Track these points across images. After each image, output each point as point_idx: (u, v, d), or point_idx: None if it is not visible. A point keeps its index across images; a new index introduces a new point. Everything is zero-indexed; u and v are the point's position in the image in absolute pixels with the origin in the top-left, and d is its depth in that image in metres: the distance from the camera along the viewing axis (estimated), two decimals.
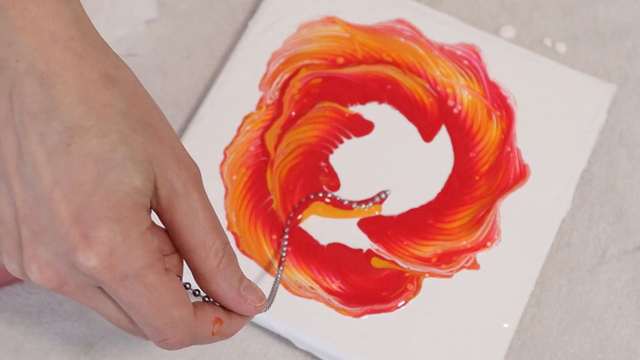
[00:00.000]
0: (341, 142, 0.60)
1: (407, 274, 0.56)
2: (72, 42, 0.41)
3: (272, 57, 0.62)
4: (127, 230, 0.39)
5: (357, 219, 0.58)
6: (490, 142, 0.60)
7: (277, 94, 0.61)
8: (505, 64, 0.61)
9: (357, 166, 0.59)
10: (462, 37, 0.62)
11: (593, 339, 0.57)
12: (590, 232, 0.59)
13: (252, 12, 0.65)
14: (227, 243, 0.43)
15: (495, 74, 0.61)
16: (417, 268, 0.57)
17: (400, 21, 0.62)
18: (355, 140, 0.60)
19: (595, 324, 0.57)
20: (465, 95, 0.61)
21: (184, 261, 0.43)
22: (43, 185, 0.39)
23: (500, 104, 0.60)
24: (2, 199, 0.41)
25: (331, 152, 0.59)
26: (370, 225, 0.58)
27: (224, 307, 0.44)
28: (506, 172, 0.59)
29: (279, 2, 0.63)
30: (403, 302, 0.56)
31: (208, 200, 0.42)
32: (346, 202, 0.58)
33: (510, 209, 0.58)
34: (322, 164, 0.59)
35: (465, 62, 0.61)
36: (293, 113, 0.60)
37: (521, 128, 0.60)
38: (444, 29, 0.62)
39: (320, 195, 0.58)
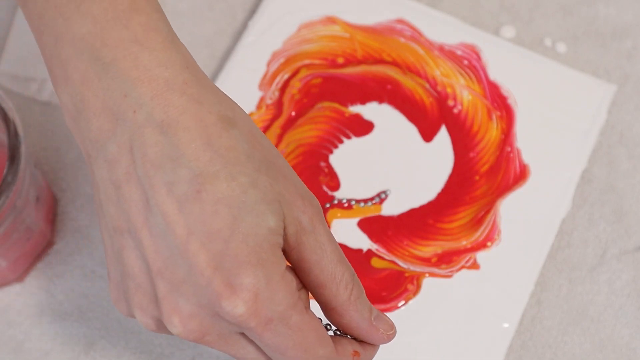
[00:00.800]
0: (341, 142, 0.60)
1: (407, 274, 0.56)
2: (187, 87, 0.40)
3: (272, 57, 0.62)
4: (269, 273, 0.39)
5: (357, 219, 0.58)
6: (490, 142, 0.60)
7: (277, 94, 0.61)
8: (506, 64, 0.61)
9: (357, 166, 0.59)
10: (462, 37, 0.62)
11: (593, 339, 0.57)
12: (591, 232, 0.59)
13: (252, 12, 0.65)
14: (354, 274, 0.42)
15: (495, 74, 0.61)
16: (417, 268, 0.57)
17: (400, 21, 0.62)
18: (355, 140, 0.60)
19: (595, 324, 0.57)
20: (465, 95, 0.61)
21: (312, 297, 0.43)
22: (176, 236, 0.39)
23: (500, 104, 0.60)
24: (130, 253, 0.40)
25: (331, 152, 0.59)
26: (370, 225, 0.58)
27: (355, 339, 0.44)
28: (506, 172, 0.59)
29: (279, 2, 0.63)
30: (403, 302, 0.56)
31: (331, 234, 0.42)
32: (345, 202, 0.58)
33: (511, 209, 0.58)
34: (322, 164, 0.59)
35: (465, 62, 0.61)
36: (293, 113, 0.60)
37: (521, 128, 0.60)
38: (444, 29, 0.62)
39: (336, 202, 0.58)
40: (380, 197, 0.58)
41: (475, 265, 0.57)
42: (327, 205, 0.58)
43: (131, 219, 0.40)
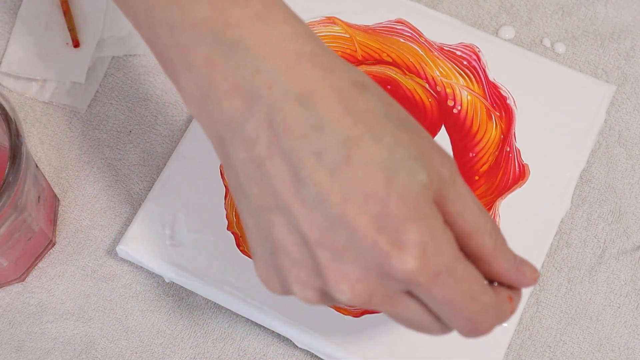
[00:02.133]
0: None
1: None
2: (315, 57, 0.40)
3: None
4: (432, 227, 0.39)
5: None
6: (489, 142, 0.60)
7: None
8: (505, 65, 0.61)
9: None
10: (461, 37, 0.62)
11: (592, 339, 0.57)
12: (589, 232, 0.59)
13: None
14: (495, 222, 0.42)
15: (494, 74, 0.61)
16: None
17: (400, 21, 0.63)
18: None
19: (594, 324, 0.57)
20: (464, 95, 0.61)
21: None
22: (333, 204, 0.38)
23: (499, 104, 0.60)
24: (281, 229, 0.40)
25: None
26: None
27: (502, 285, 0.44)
28: (505, 172, 0.59)
29: None
30: None
31: (467, 185, 0.42)
32: None
33: (510, 208, 0.58)
34: None
35: (465, 62, 0.61)
36: None
37: (520, 128, 0.60)
38: (443, 30, 0.62)
39: None
40: None
41: None
42: None
43: (279, 194, 0.39)
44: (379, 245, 0.38)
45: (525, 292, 0.56)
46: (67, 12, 0.64)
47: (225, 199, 0.58)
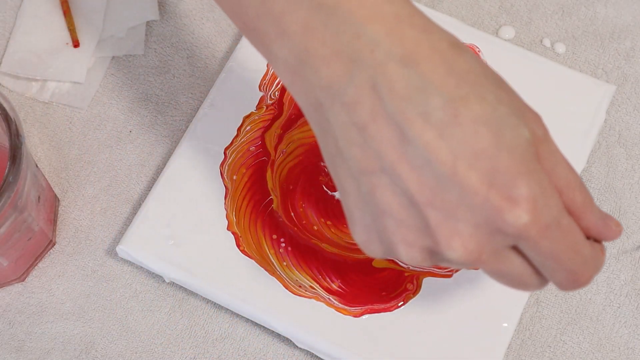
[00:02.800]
0: None
1: (406, 274, 0.57)
2: (413, 19, 0.41)
3: None
4: (540, 180, 0.40)
5: None
6: None
7: (277, 94, 0.61)
8: (505, 65, 0.61)
9: None
10: (461, 37, 0.62)
11: (592, 339, 0.57)
12: None
13: None
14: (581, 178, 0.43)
15: None
16: (417, 268, 0.57)
17: None
18: None
19: (594, 324, 0.57)
20: None
21: None
22: (442, 162, 0.39)
23: None
24: (385, 191, 0.40)
25: None
26: None
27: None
28: None
29: None
30: (403, 302, 0.56)
31: None
32: None
33: None
34: (322, 164, 0.59)
35: None
36: (293, 113, 0.61)
37: None
38: None
39: None
40: None
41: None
42: None
43: (384, 156, 0.40)
44: (491, 201, 0.39)
45: (526, 292, 0.56)
46: (67, 12, 0.64)
47: (225, 199, 0.58)
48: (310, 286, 0.56)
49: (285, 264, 0.57)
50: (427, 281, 0.56)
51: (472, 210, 0.39)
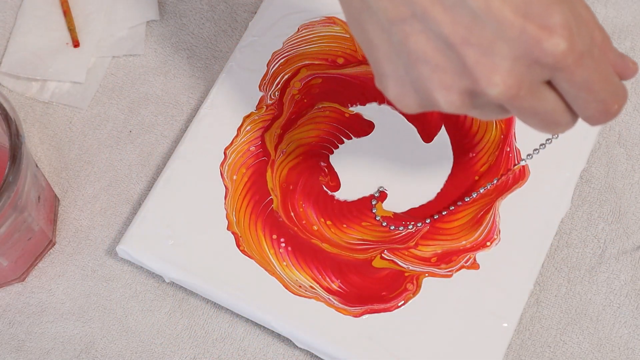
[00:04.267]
0: (341, 142, 0.60)
1: (406, 274, 0.57)
2: None
3: (272, 58, 0.62)
4: (574, 8, 0.40)
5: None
6: (489, 142, 0.60)
7: (277, 94, 0.61)
8: None
9: (357, 166, 0.59)
10: None
11: (592, 339, 0.57)
12: (589, 232, 0.59)
13: (252, 12, 0.65)
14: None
15: None
16: (416, 268, 0.57)
17: None
18: (355, 141, 0.60)
19: (594, 324, 0.57)
20: None
21: None
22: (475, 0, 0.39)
23: None
24: (418, 37, 0.41)
25: (331, 152, 0.60)
26: None
27: None
28: (505, 172, 0.59)
29: (279, 2, 0.63)
30: (403, 302, 0.56)
31: None
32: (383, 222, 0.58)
33: (510, 209, 0.58)
34: (322, 164, 0.59)
35: None
36: (293, 114, 0.61)
37: (520, 128, 0.60)
38: None
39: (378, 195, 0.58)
40: (379, 191, 0.58)
41: (474, 265, 0.57)
42: (374, 202, 0.58)
43: (415, 1, 0.40)
44: (527, 32, 0.39)
45: (525, 292, 0.56)
46: (67, 12, 0.64)
47: (225, 199, 0.58)
48: (310, 286, 0.56)
49: (285, 264, 0.57)
50: (427, 281, 0.56)
51: (509, 44, 0.40)
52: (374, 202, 0.58)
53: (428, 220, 0.58)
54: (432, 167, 0.59)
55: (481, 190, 0.57)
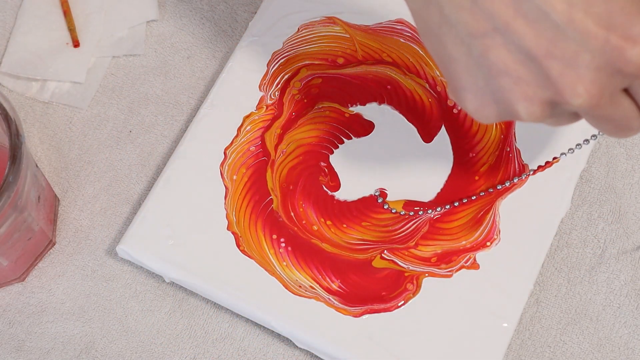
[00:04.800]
0: (341, 142, 0.60)
1: (406, 274, 0.57)
2: None
3: (272, 58, 0.62)
4: None
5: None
6: (489, 142, 0.60)
7: (277, 94, 0.61)
8: None
9: (357, 166, 0.59)
10: None
11: (592, 339, 0.57)
12: (589, 232, 0.59)
13: (252, 12, 0.65)
14: None
15: None
16: (416, 268, 0.57)
17: (400, 21, 0.63)
18: (355, 141, 0.60)
19: (594, 324, 0.57)
20: None
21: None
22: (558, 12, 0.40)
23: None
24: (499, 50, 0.41)
25: (331, 152, 0.60)
26: None
27: None
28: (505, 172, 0.59)
29: (279, 2, 0.63)
30: (403, 302, 0.56)
31: None
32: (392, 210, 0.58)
33: (510, 209, 0.58)
34: (322, 164, 0.59)
35: None
36: (293, 113, 0.61)
37: (520, 128, 0.60)
38: None
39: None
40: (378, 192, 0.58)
41: (474, 265, 0.57)
42: (380, 201, 0.58)
43: (497, 16, 0.41)
44: (610, 42, 0.40)
45: (525, 292, 0.56)
46: (67, 12, 0.64)
47: (225, 199, 0.58)
48: (310, 286, 0.56)
49: (285, 264, 0.57)
50: (427, 281, 0.56)
51: (592, 54, 0.41)
52: (380, 201, 0.58)
53: (439, 209, 0.58)
54: (432, 167, 0.59)
55: (499, 187, 0.58)
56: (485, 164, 0.59)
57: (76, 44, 0.63)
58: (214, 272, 0.56)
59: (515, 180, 0.58)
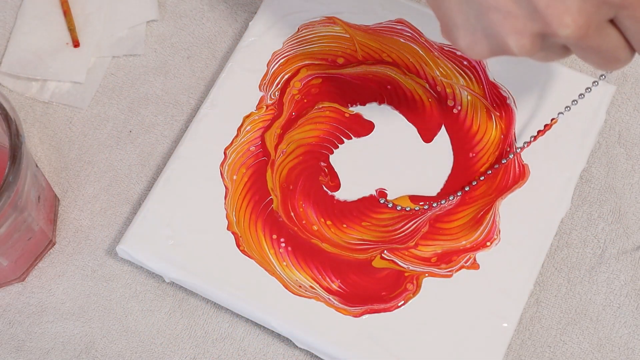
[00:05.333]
0: (341, 142, 0.60)
1: (406, 274, 0.57)
2: None
3: (272, 58, 0.62)
4: None
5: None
6: (489, 142, 0.60)
7: (277, 94, 0.61)
8: (505, 64, 0.61)
9: (357, 166, 0.59)
10: None
11: (592, 339, 0.57)
12: (589, 232, 0.59)
13: (252, 12, 0.65)
14: None
15: (494, 74, 0.61)
16: (416, 268, 0.57)
17: (400, 21, 0.63)
18: (355, 141, 0.60)
19: (594, 324, 0.57)
20: (464, 95, 0.61)
21: None
22: None
23: (499, 104, 0.60)
24: None
25: (331, 152, 0.60)
26: None
27: None
28: (505, 172, 0.59)
29: (279, 2, 0.63)
30: (403, 302, 0.56)
31: None
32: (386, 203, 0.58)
33: (510, 209, 0.58)
34: (322, 164, 0.59)
35: (465, 62, 0.62)
36: (293, 113, 0.61)
37: (520, 128, 0.60)
38: None
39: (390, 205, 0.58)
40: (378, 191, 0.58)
41: (474, 265, 0.57)
42: (382, 201, 0.58)
43: None
44: None
45: (525, 292, 0.56)
46: (67, 12, 0.64)
47: (225, 199, 0.58)
48: (310, 286, 0.56)
49: (285, 264, 0.57)
50: (427, 281, 0.56)
51: None
52: (382, 201, 0.58)
53: (443, 202, 0.58)
54: (432, 167, 0.59)
55: (489, 172, 0.58)
56: (485, 164, 0.59)
57: (76, 44, 0.63)
58: (214, 272, 0.56)
59: (517, 151, 0.58)
